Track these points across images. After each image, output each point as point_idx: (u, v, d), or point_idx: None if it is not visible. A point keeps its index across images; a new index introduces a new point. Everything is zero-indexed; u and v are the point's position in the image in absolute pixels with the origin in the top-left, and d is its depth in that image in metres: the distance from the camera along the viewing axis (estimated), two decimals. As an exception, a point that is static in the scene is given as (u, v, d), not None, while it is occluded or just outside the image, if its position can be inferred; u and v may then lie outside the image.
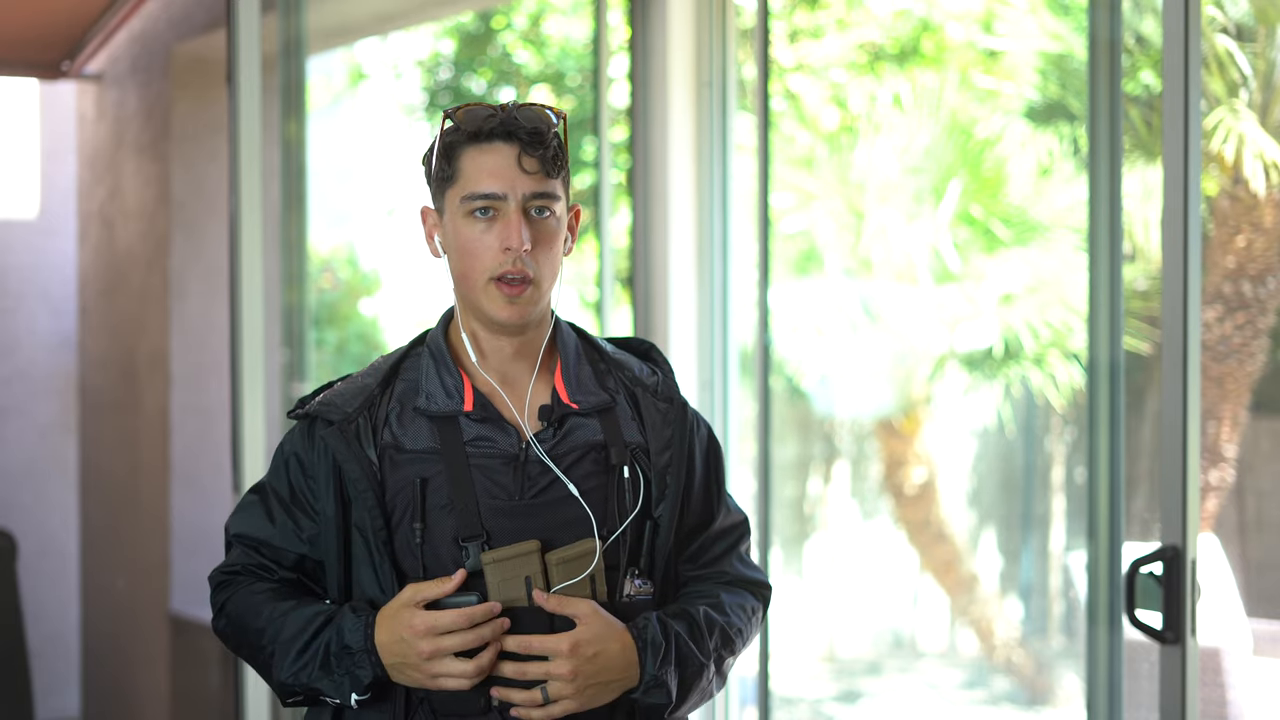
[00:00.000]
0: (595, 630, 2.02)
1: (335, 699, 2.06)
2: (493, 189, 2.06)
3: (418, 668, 2.01)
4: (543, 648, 2.01)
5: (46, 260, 6.53)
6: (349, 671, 2.03)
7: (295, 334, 4.49)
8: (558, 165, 2.08)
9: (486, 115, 2.08)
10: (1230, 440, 5.76)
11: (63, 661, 6.39)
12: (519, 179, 2.06)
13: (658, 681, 2.04)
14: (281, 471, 2.15)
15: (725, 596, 2.16)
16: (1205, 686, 4.76)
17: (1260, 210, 5.73)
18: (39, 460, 6.45)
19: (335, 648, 2.04)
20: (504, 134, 2.06)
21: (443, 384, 2.11)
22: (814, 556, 8.13)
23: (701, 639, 2.09)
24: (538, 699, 2.01)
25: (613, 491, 2.10)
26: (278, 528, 2.14)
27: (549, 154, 2.07)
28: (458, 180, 2.08)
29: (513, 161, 2.06)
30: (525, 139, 2.06)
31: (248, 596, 2.13)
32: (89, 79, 6.13)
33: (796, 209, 7.38)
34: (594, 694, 2.02)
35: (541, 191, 2.07)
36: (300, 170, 4.50)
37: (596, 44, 4.80)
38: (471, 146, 2.08)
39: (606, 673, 2.02)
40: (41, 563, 6.32)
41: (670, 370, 2.22)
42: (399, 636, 2.01)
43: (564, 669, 2.00)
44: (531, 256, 2.05)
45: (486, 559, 2.03)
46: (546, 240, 2.07)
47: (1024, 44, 7.12)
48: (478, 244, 2.06)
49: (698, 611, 2.11)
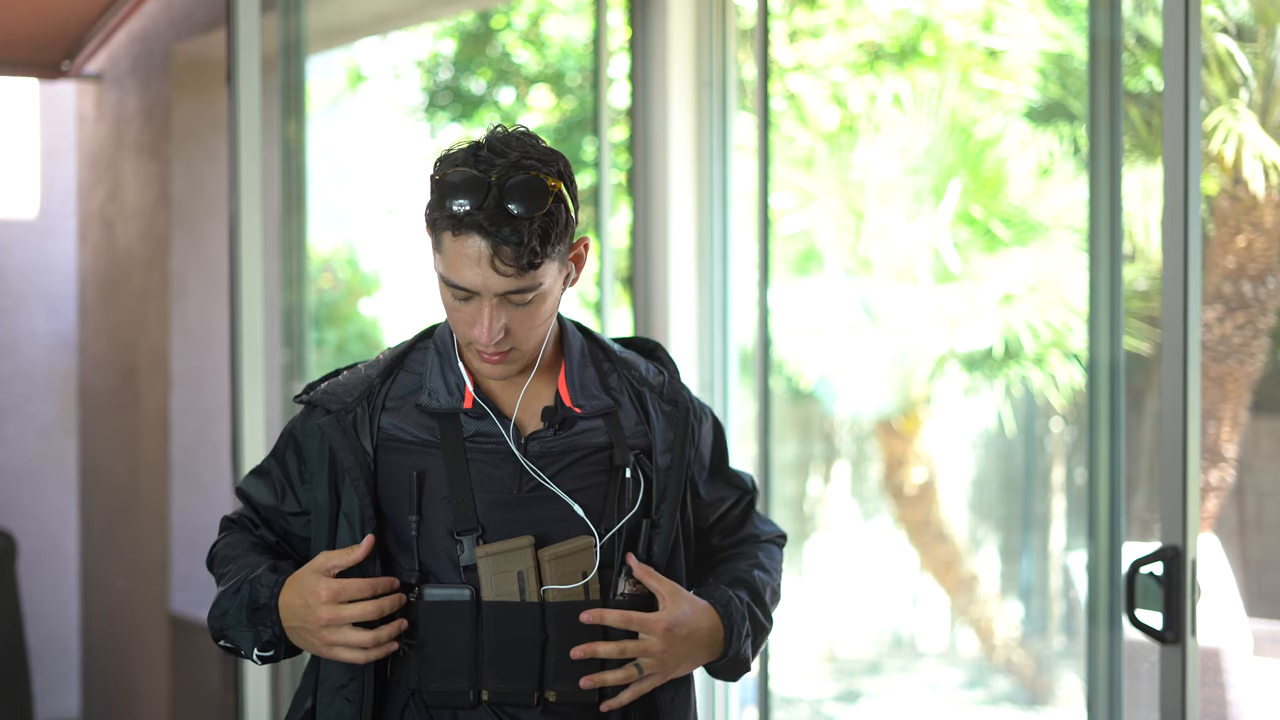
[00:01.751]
0: (685, 609, 2.08)
1: (244, 650, 2.10)
2: (464, 284, 1.99)
3: (315, 633, 2.04)
4: (642, 624, 2.05)
5: (46, 260, 6.53)
6: (253, 626, 2.07)
7: (295, 334, 4.49)
8: (543, 254, 1.97)
9: (464, 204, 1.95)
10: (1230, 440, 5.76)
11: (63, 661, 6.39)
12: (491, 279, 1.97)
13: (740, 655, 2.13)
14: (281, 450, 2.20)
15: (762, 556, 2.24)
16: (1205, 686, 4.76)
17: (1260, 210, 5.73)
18: (39, 460, 6.44)
19: (247, 600, 2.08)
20: (480, 228, 1.95)
21: (445, 381, 2.12)
22: (814, 556, 8.13)
23: (763, 603, 2.18)
24: (634, 676, 2.06)
25: (612, 490, 2.10)
26: (271, 498, 2.19)
27: (525, 253, 1.96)
28: (438, 252, 2.02)
29: (487, 259, 1.96)
30: (501, 236, 1.95)
31: (231, 543, 2.19)
32: (89, 79, 6.13)
33: (796, 209, 7.38)
34: (679, 667, 2.10)
35: (516, 289, 1.99)
36: (300, 170, 4.49)
37: (596, 44, 4.80)
38: (448, 231, 1.98)
39: (695, 651, 2.10)
40: (41, 563, 6.32)
41: (676, 370, 2.23)
42: (304, 601, 2.04)
43: (659, 647, 2.06)
44: (508, 335, 2.03)
45: (480, 553, 2.04)
46: (524, 319, 2.03)
47: (1024, 44, 7.12)
48: (456, 314, 2.04)
49: (752, 577, 2.19)
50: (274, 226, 4.37)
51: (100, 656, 6.19)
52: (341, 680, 2.10)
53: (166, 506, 5.43)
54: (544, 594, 2.05)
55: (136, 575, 5.74)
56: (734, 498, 2.26)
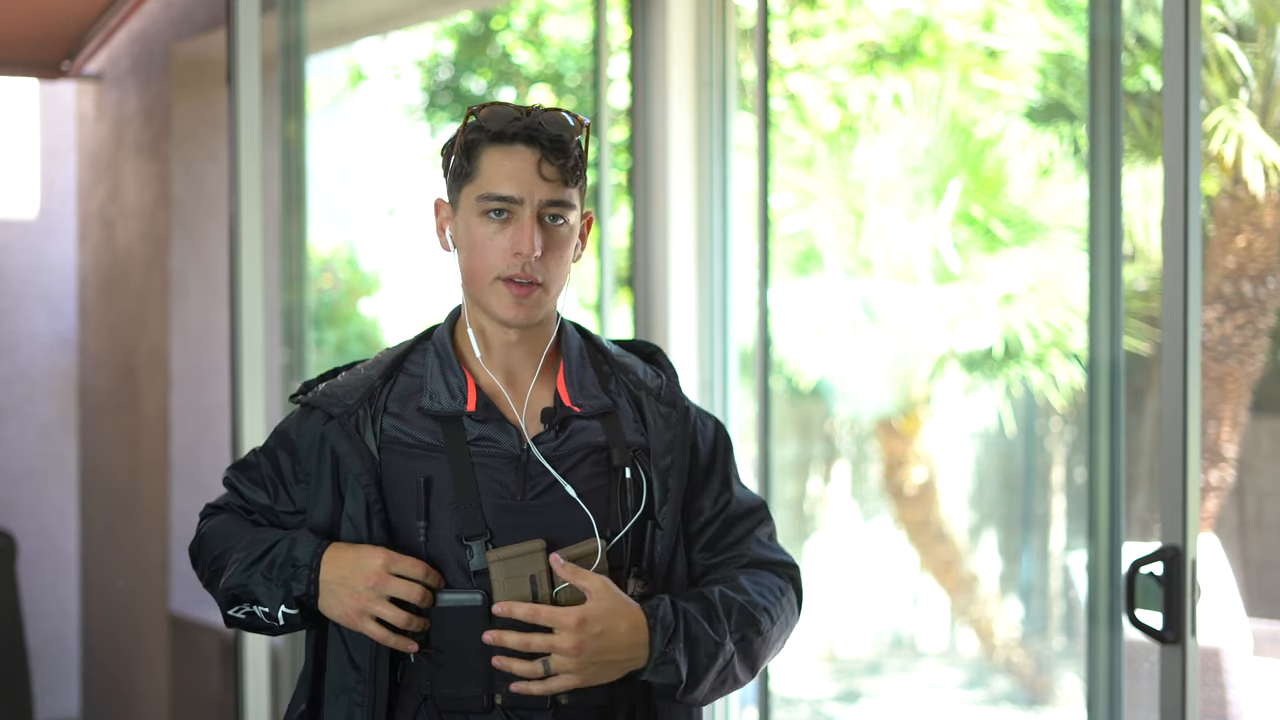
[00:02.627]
0: (605, 607, 2.01)
1: (266, 607, 2.08)
2: (509, 192, 2.05)
3: (355, 593, 2.02)
4: (551, 618, 2.00)
5: (46, 260, 6.53)
6: (285, 582, 2.06)
7: (295, 334, 4.49)
8: (576, 174, 2.07)
9: (511, 117, 2.07)
10: (1230, 440, 5.76)
11: (63, 661, 6.39)
12: (537, 185, 2.05)
13: (666, 659, 2.02)
14: (273, 449, 2.19)
15: (744, 578, 2.13)
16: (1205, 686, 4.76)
17: (1260, 210, 5.74)
18: (39, 460, 6.44)
19: (282, 558, 2.07)
20: (527, 138, 2.05)
21: (447, 384, 2.12)
22: (814, 557, 8.13)
23: (716, 619, 2.07)
24: (539, 671, 2.01)
25: (614, 493, 2.10)
26: (264, 497, 2.18)
27: (569, 163, 2.06)
28: (475, 178, 2.08)
29: (533, 166, 2.05)
30: (548, 145, 2.05)
31: (227, 521, 2.18)
32: (89, 79, 6.12)
33: (796, 209, 7.38)
34: (597, 671, 2.02)
35: (558, 199, 2.06)
36: (300, 170, 4.49)
37: (596, 44, 4.80)
38: (493, 146, 2.07)
39: (612, 651, 2.01)
40: (41, 563, 6.32)
41: (675, 374, 2.23)
42: (356, 558, 2.04)
43: (568, 643, 2.00)
44: (541, 262, 2.06)
45: (491, 557, 2.04)
46: (558, 247, 2.07)
47: (1024, 44, 7.12)
48: (489, 244, 2.06)
49: (713, 593, 2.09)
50: (274, 226, 4.37)
51: (100, 656, 6.19)
52: (349, 683, 2.09)
53: (166, 506, 5.43)
54: (556, 596, 2.04)
55: (136, 575, 5.74)
56: (713, 512, 2.17)
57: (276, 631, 2.12)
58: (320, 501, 2.12)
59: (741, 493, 2.22)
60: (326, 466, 2.11)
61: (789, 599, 2.17)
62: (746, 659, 2.10)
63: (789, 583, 2.19)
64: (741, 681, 2.11)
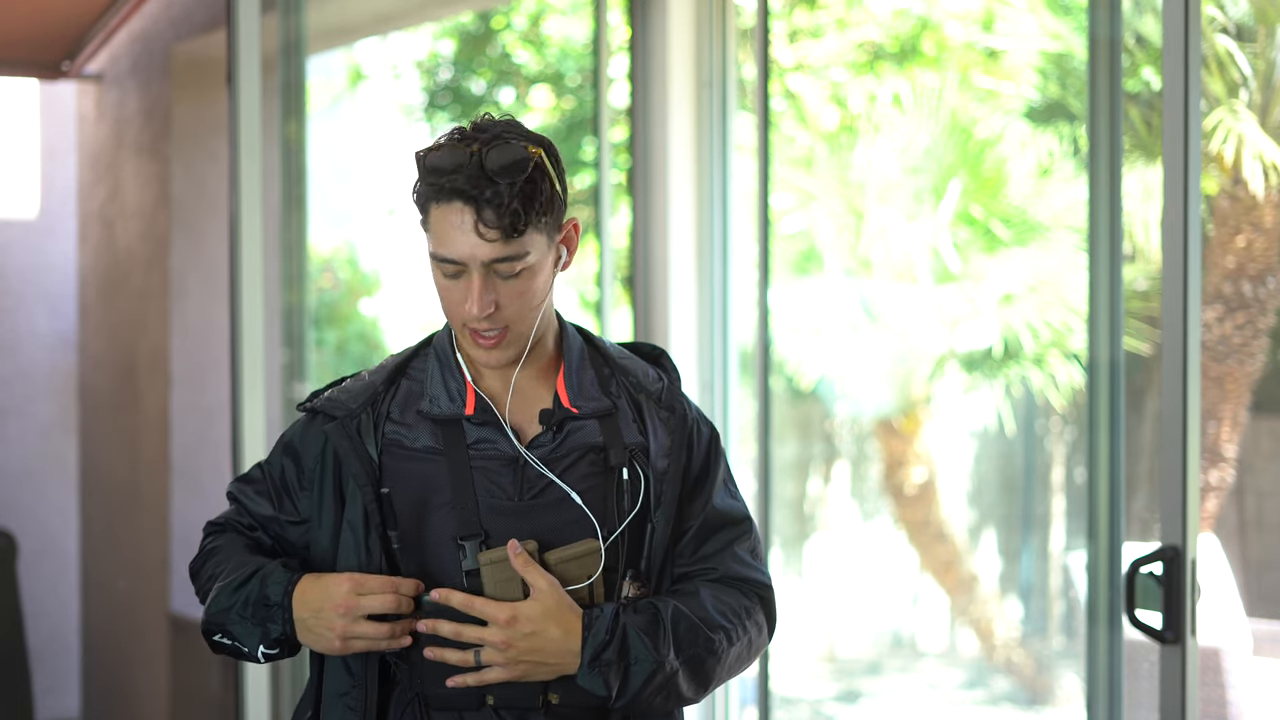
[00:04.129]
0: (540, 608, 2.01)
1: (245, 647, 2.08)
2: (451, 255, 2.01)
3: (330, 625, 2.02)
4: (483, 611, 2.01)
5: (46, 260, 6.53)
6: (262, 622, 2.06)
7: (295, 334, 4.49)
8: (526, 219, 1.99)
9: (449, 169, 1.98)
10: (1230, 440, 5.76)
11: (63, 661, 6.39)
12: (477, 246, 1.99)
13: (594, 671, 2.01)
14: (277, 459, 2.19)
15: (705, 593, 2.09)
16: (1205, 686, 4.76)
17: (1260, 210, 5.74)
18: (39, 460, 6.45)
19: (255, 597, 2.07)
20: (464, 195, 1.98)
21: (446, 388, 2.13)
22: (814, 556, 8.13)
23: (661, 635, 2.03)
24: (469, 660, 2.02)
25: (611, 493, 2.10)
26: (269, 508, 2.18)
27: (506, 217, 1.98)
28: (428, 230, 2.05)
29: (470, 226, 1.99)
30: (486, 199, 1.97)
31: (225, 545, 2.18)
32: (89, 79, 6.13)
33: (796, 209, 7.38)
34: (527, 670, 2.02)
35: (502, 256, 2.00)
36: (300, 170, 4.50)
37: (596, 44, 4.80)
38: (434, 203, 2.01)
39: (540, 653, 2.01)
40: (41, 563, 6.32)
41: (677, 378, 2.22)
42: (323, 590, 2.04)
43: (497, 637, 2.00)
44: (498, 313, 2.04)
45: (484, 559, 2.04)
46: (514, 295, 2.04)
47: (1024, 44, 7.12)
48: (448, 295, 2.06)
49: (665, 607, 2.05)
50: (274, 226, 4.37)
51: (100, 656, 6.19)
52: (344, 688, 2.10)
53: (166, 506, 5.43)
54: None
55: (136, 575, 5.74)
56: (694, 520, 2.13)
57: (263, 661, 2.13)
58: (324, 509, 2.13)
59: (724, 503, 2.17)
60: (329, 470, 2.12)
61: (755, 620, 2.13)
62: (695, 677, 2.06)
63: (757, 602, 2.14)
64: (689, 698, 2.07)
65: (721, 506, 2.16)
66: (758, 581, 2.15)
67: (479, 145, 2.00)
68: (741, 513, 2.18)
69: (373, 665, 2.09)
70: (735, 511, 2.17)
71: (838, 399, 7.88)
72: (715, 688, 2.11)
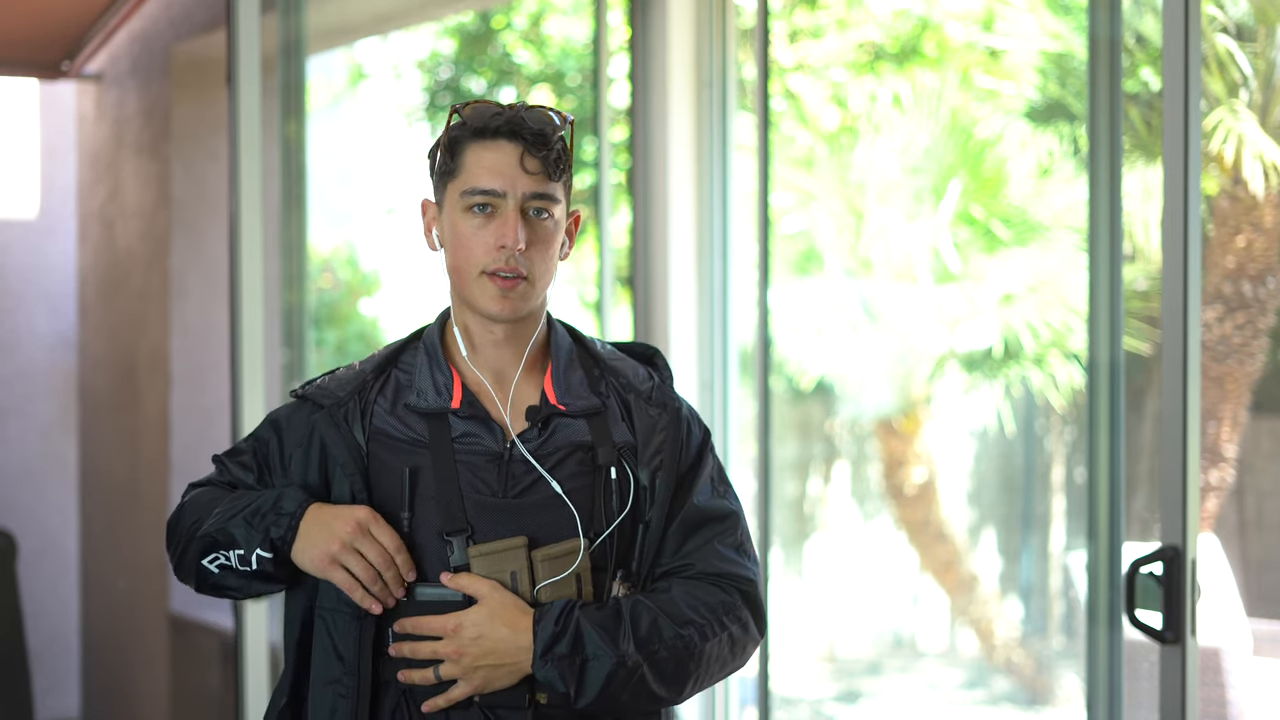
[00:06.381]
0: (485, 611, 2.02)
1: (242, 550, 2.07)
2: (492, 185, 2.07)
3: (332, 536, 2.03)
4: (430, 628, 2.03)
5: (46, 260, 6.53)
6: (265, 527, 2.06)
7: (295, 334, 4.49)
8: (560, 168, 2.09)
9: (493, 113, 2.09)
10: (1230, 440, 5.76)
11: (63, 661, 6.39)
12: (520, 178, 2.07)
13: (547, 664, 1.99)
14: (264, 436, 2.19)
15: (678, 589, 2.07)
16: (1205, 686, 4.76)
17: (1260, 210, 5.74)
18: (39, 460, 6.45)
19: (268, 506, 2.08)
20: (509, 132, 2.07)
21: (434, 381, 2.14)
22: (814, 556, 8.13)
23: (619, 630, 2.00)
24: (430, 678, 2.03)
25: (599, 492, 2.10)
26: (252, 479, 2.18)
27: (552, 156, 2.08)
28: (459, 174, 2.10)
29: (515, 160, 2.07)
30: (529, 139, 2.07)
31: (210, 492, 2.18)
32: (89, 79, 6.13)
33: (796, 209, 7.38)
34: (486, 675, 2.02)
35: (541, 193, 2.08)
36: (300, 170, 4.50)
37: (596, 44, 4.80)
38: (475, 142, 2.09)
39: (493, 655, 2.01)
40: (41, 563, 6.32)
41: (670, 377, 2.22)
42: (340, 510, 2.05)
43: (448, 649, 2.02)
44: (526, 255, 2.07)
45: (473, 553, 2.05)
46: (542, 241, 2.09)
47: (1024, 44, 7.12)
48: (473, 238, 2.08)
49: (625, 603, 2.04)
50: (274, 226, 4.37)
51: (100, 656, 6.19)
52: (334, 674, 2.10)
53: (167, 506, 5.43)
54: (537, 594, 2.04)
55: (136, 575, 5.74)
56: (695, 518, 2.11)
57: (248, 590, 2.12)
58: (307, 485, 2.13)
59: (706, 500, 2.14)
60: (315, 458, 2.13)
61: (736, 615, 2.09)
62: (666, 674, 2.03)
63: (738, 596, 2.10)
64: (664, 697, 2.04)
65: (703, 504, 2.13)
66: (738, 576, 2.11)
67: (516, 105, 2.11)
68: (725, 509, 2.14)
69: (365, 653, 2.09)
70: (719, 508, 2.14)
71: (837, 399, 7.88)
72: (700, 687, 2.08)
